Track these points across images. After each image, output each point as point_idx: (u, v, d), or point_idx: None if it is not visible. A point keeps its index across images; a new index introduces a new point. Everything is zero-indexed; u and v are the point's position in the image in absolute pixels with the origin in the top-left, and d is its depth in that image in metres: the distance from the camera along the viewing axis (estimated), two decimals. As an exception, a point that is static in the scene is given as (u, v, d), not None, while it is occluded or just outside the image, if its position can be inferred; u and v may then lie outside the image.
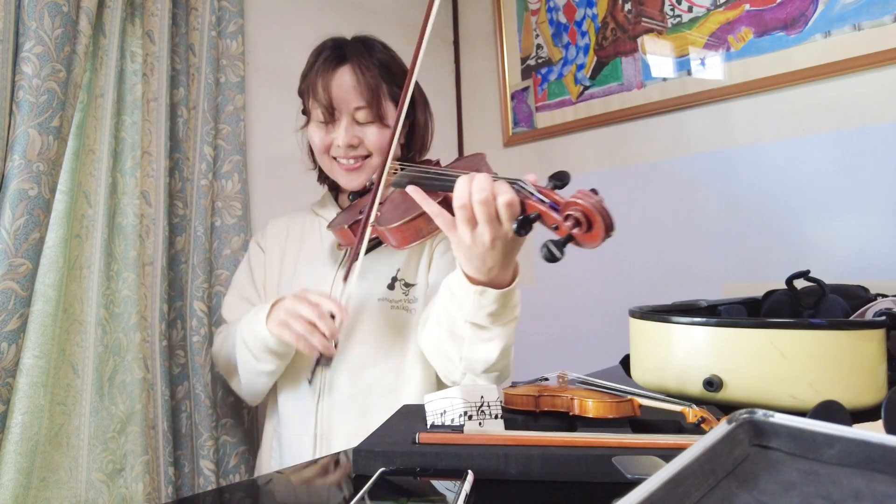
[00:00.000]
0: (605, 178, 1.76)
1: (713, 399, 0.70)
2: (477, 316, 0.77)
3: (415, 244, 0.85)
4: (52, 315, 1.04)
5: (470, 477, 0.50)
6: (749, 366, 0.69)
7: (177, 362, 1.25)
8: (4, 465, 0.96)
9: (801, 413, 0.38)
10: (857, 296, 0.95)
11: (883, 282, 1.15)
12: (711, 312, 0.94)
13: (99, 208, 1.10)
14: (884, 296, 0.94)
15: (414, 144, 1.09)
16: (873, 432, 0.32)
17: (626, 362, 0.90)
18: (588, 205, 0.60)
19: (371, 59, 1.00)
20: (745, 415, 0.35)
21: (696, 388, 0.71)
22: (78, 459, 1.05)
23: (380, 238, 0.90)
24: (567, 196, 0.63)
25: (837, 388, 0.66)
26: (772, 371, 0.68)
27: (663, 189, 1.64)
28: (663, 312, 0.82)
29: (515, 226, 0.64)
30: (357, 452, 0.57)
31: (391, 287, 1.01)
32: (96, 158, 1.11)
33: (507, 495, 0.51)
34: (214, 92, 1.33)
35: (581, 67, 1.80)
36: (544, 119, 1.90)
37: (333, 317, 0.88)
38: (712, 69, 1.52)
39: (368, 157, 1.01)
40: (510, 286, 0.75)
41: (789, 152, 1.42)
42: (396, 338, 0.99)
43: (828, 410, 0.49)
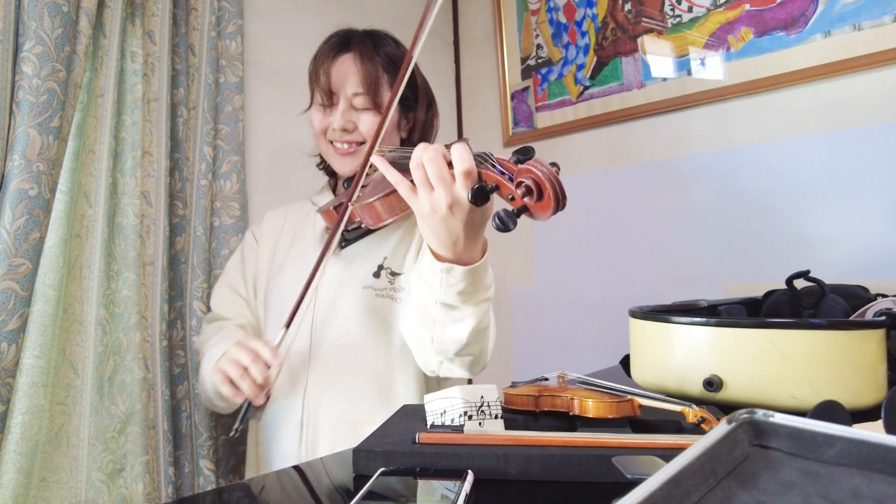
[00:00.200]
0: (605, 178, 1.76)
1: (713, 399, 0.70)
2: (446, 295, 0.76)
3: (388, 221, 0.86)
4: (52, 315, 1.04)
5: (470, 477, 0.50)
6: (749, 366, 0.69)
7: (177, 362, 1.25)
8: (4, 465, 0.96)
9: (801, 413, 0.38)
10: (857, 296, 0.95)
11: (883, 282, 1.15)
12: (711, 312, 0.94)
13: (99, 208, 1.10)
14: (884, 296, 0.94)
15: (413, 139, 1.10)
16: (873, 432, 0.32)
17: (626, 362, 0.90)
18: (539, 173, 0.59)
19: (375, 50, 1.02)
20: (745, 415, 0.35)
21: (696, 388, 0.71)
22: (78, 459, 1.05)
23: (360, 220, 0.90)
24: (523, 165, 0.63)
25: (837, 388, 0.66)
26: (772, 371, 0.67)
27: (663, 189, 1.64)
28: (663, 312, 0.82)
29: (471, 195, 0.63)
30: (357, 452, 0.57)
31: (377, 275, 1.01)
32: (96, 158, 1.11)
33: (507, 495, 0.51)
34: (214, 92, 1.33)
35: (581, 67, 1.80)
36: (544, 119, 1.90)
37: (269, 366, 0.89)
38: (712, 69, 1.52)
39: (363, 144, 1.03)
40: (479, 263, 0.75)
41: (789, 152, 1.42)
42: (381, 326, 0.99)
43: (828, 410, 0.49)
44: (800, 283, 0.94)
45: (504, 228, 0.59)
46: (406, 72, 0.86)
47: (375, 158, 0.78)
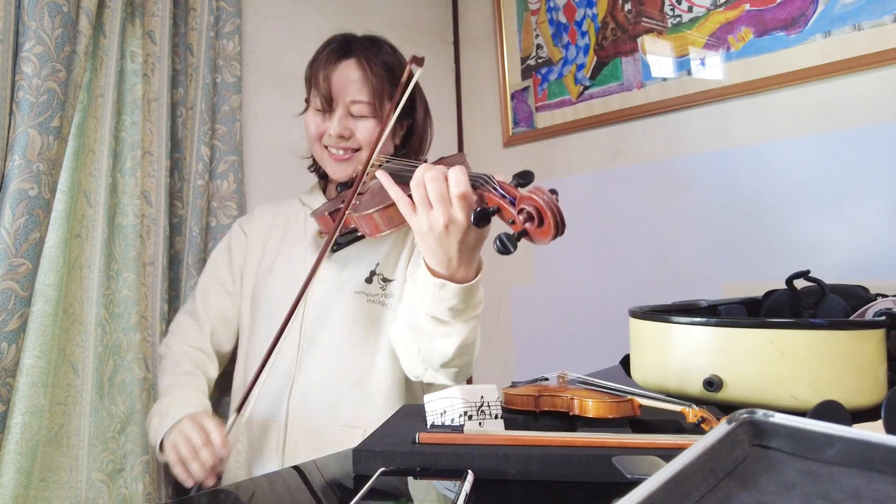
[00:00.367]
0: (605, 178, 1.76)
1: (713, 399, 0.70)
2: (437, 310, 0.77)
3: (385, 233, 0.87)
4: (52, 315, 1.04)
5: (470, 477, 0.50)
6: (749, 366, 0.69)
7: (177, 362, 1.25)
8: (4, 465, 0.96)
9: (801, 413, 0.38)
10: (857, 296, 0.95)
11: (883, 282, 1.15)
12: (711, 312, 0.94)
13: (99, 208, 1.10)
14: (884, 296, 0.94)
15: (410, 146, 1.10)
16: (873, 432, 0.32)
17: (626, 362, 0.90)
18: (541, 201, 0.62)
19: (376, 58, 1.02)
20: (745, 415, 0.35)
21: (696, 388, 0.71)
22: (78, 459, 1.05)
23: (356, 227, 0.91)
24: (524, 191, 0.65)
25: (837, 388, 0.66)
26: (772, 371, 0.67)
27: (663, 189, 1.64)
28: (663, 312, 0.82)
29: (473, 217, 0.65)
30: (357, 452, 0.57)
31: (369, 281, 1.02)
32: (96, 158, 1.11)
33: (507, 495, 0.51)
34: (211, 92, 1.33)
35: (581, 67, 1.80)
36: (544, 119, 1.90)
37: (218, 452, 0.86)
38: (712, 69, 1.52)
39: (358, 151, 1.03)
40: (472, 282, 0.76)
41: (789, 152, 1.42)
42: (370, 331, 1.00)
43: (828, 410, 0.49)
44: (800, 283, 0.94)
45: (505, 251, 0.62)
46: (408, 88, 0.87)
47: (381, 174, 0.79)
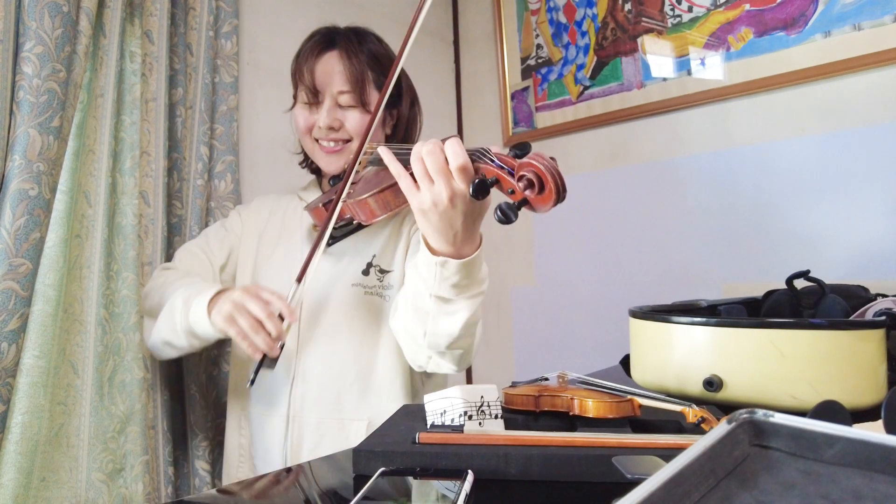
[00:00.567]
0: (605, 178, 1.76)
1: (713, 399, 0.70)
2: (441, 288, 0.77)
3: (382, 217, 0.86)
4: (52, 315, 1.04)
5: (470, 477, 0.50)
6: (749, 366, 0.69)
7: (176, 362, 1.25)
8: (4, 465, 0.96)
9: (801, 413, 0.38)
10: (857, 296, 0.95)
11: (883, 282, 1.15)
12: (711, 312, 0.94)
13: (99, 208, 1.10)
14: (884, 296, 0.94)
15: (397, 134, 1.10)
16: (873, 432, 0.32)
17: (626, 362, 0.90)
18: (541, 166, 0.61)
19: (359, 47, 1.02)
20: (745, 415, 0.35)
21: (696, 388, 0.71)
22: (78, 459, 1.05)
23: (352, 216, 0.90)
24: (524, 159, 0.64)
25: (837, 388, 0.66)
26: (772, 371, 0.67)
27: (663, 189, 1.64)
28: (663, 312, 0.82)
29: (472, 190, 0.64)
30: (357, 452, 0.57)
31: (366, 273, 1.02)
32: (96, 158, 1.11)
33: (507, 495, 0.51)
34: (210, 92, 1.33)
35: (581, 67, 1.80)
36: (544, 119, 1.90)
37: (282, 318, 0.86)
38: (712, 69, 1.52)
39: (349, 142, 1.03)
40: (473, 256, 0.76)
41: (789, 152, 1.42)
42: (370, 324, 1.00)
43: (828, 410, 0.49)
44: (800, 283, 0.94)
45: (506, 220, 0.61)
46: (394, 73, 0.86)
47: (383, 150, 0.78)
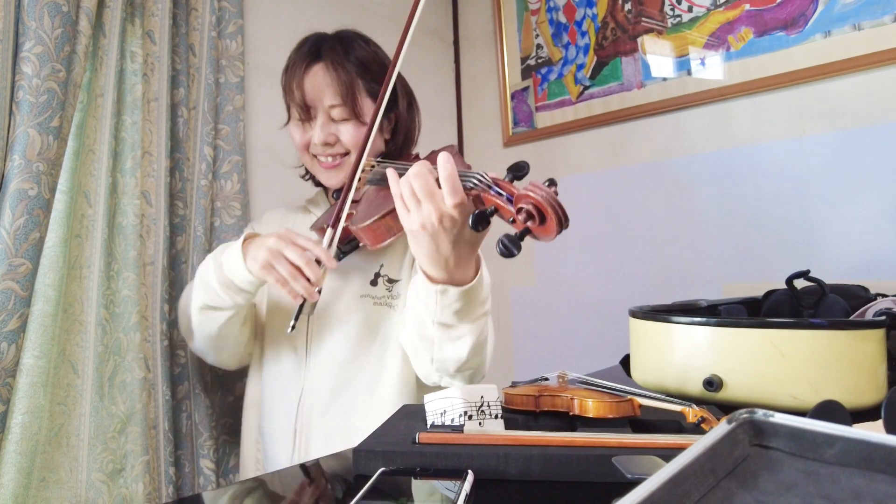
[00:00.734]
0: (605, 178, 1.76)
1: (713, 399, 0.70)
2: (443, 315, 0.75)
3: (388, 242, 0.86)
4: (52, 315, 1.04)
5: (470, 477, 0.50)
6: (749, 366, 0.69)
7: (177, 362, 1.25)
8: (4, 465, 0.96)
9: (801, 413, 0.38)
10: (857, 296, 0.95)
11: (883, 282, 1.15)
12: (711, 312, 0.94)
13: (99, 208, 1.10)
14: (884, 296, 0.94)
15: (397, 140, 1.07)
16: (873, 432, 0.32)
17: (626, 362, 0.90)
18: (539, 198, 0.58)
19: (346, 57, 0.98)
20: (745, 415, 0.35)
21: (696, 388, 0.71)
22: (78, 459, 1.05)
23: (357, 239, 0.90)
24: (521, 188, 0.61)
25: (837, 388, 0.66)
26: (772, 371, 0.67)
27: (663, 189, 1.64)
28: (663, 312, 0.82)
29: (471, 221, 0.62)
30: (357, 452, 0.57)
31: (374, 283, 1.01)
32: (96, 158, 1.11)
33: (507, 495, 0.51)
34: (214, 92, 1.33)
35: (581, 67, 1.80)
36: (544, 119, 1.90)
37: (319, 263, 0.85)
38: (712, 69, 1.52)
39: (347, 155, 1.01)
40: (472, 283, 0.74)
41: (789, 152, 1.42)
42: (378, 334, 0.99)
43: (828, 410, 0.49)
44: (800, 283, 0.94)
45: (509, 254, 0.58)
46: (388, 84, 0.84)
47: (390, 171, 0.76)
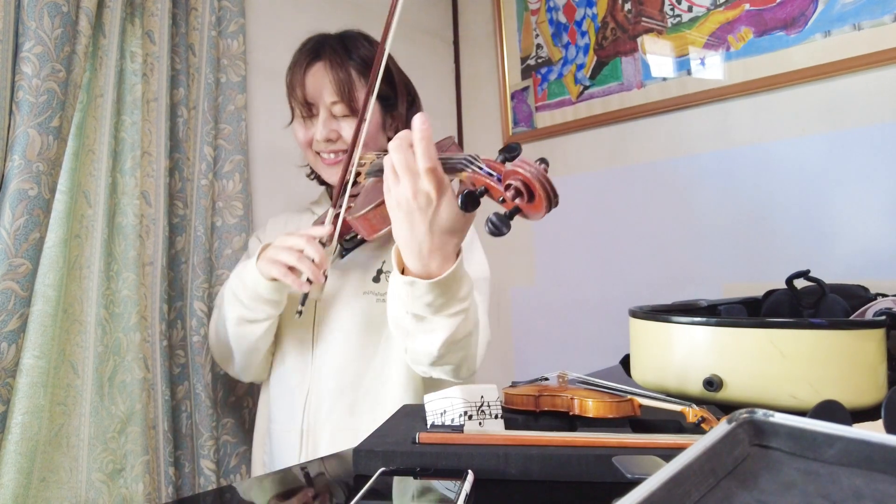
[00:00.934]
0: (605, 178, 1.76)
1: (713, 399, 0.70)
2: (415, 306, 0.74)
3: (383, 231, 0.85)
4: (52, 315, 1.04)
5: (470, 477, 0.50)
6: (749, 366, 0.69)
7: (177, 362, 1.25)
8: (4, 465, 0.96)
9: (801, 413, 0.38)
10: (857, 296, 0.95)
11: (883, 282, 1.15)
12: (711, 312, 0.94)
13: (99, 208, 1.10)
14: (884, 296, 0.94)
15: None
16: (873, 432, 0.32)
17: (626, 362, 0.90)
18: (527, 173, 0.57)
19: (346, 55, 1.00)
20: (745, 414, 0.35)
21: (696, 388, 0.71)
22: (78, 459, 1.05)
23: (355, 232, 0.90)
24: (510, 165, 0.60)
25: (837, 388, 0.66)
26: (772, 371, 0.67)
27: (663, 189, 1.64)
28: (663, 312, 0.82)
29: (460, 202, 0.60)
30: (357, 452, 0.57)
31: (377, 280, 1.01)
32: (96, 158, 1.11)
33: (507, 495, 0.51)
34: (215, 92, 1.33)
35: (581, 67, 1.80)
36: (544, 119, 1.90)
37: (324, 244, 0.86)
38: (712, 69, 1.52)
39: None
40: (442, 276, 0.71)
41: (789, 152, 1.42)
42: (382, 331, 0.99)
43: (828, 410, 0.49)
44: (800, 283, 0.94)
45: (497, 233, 0.57)
46: (377, 76, 0.84)
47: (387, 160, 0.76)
